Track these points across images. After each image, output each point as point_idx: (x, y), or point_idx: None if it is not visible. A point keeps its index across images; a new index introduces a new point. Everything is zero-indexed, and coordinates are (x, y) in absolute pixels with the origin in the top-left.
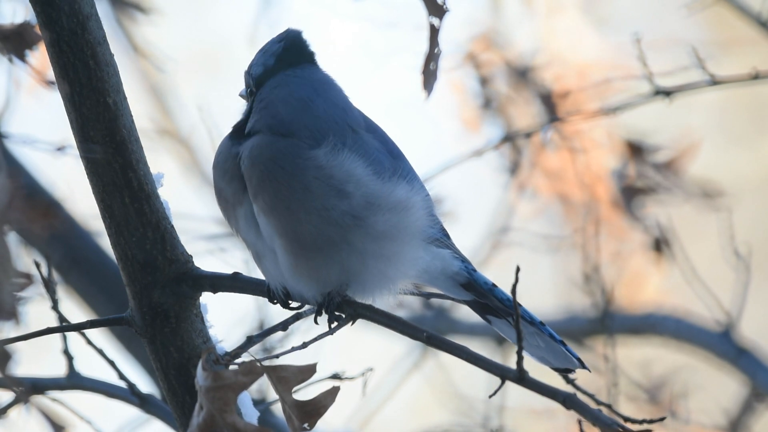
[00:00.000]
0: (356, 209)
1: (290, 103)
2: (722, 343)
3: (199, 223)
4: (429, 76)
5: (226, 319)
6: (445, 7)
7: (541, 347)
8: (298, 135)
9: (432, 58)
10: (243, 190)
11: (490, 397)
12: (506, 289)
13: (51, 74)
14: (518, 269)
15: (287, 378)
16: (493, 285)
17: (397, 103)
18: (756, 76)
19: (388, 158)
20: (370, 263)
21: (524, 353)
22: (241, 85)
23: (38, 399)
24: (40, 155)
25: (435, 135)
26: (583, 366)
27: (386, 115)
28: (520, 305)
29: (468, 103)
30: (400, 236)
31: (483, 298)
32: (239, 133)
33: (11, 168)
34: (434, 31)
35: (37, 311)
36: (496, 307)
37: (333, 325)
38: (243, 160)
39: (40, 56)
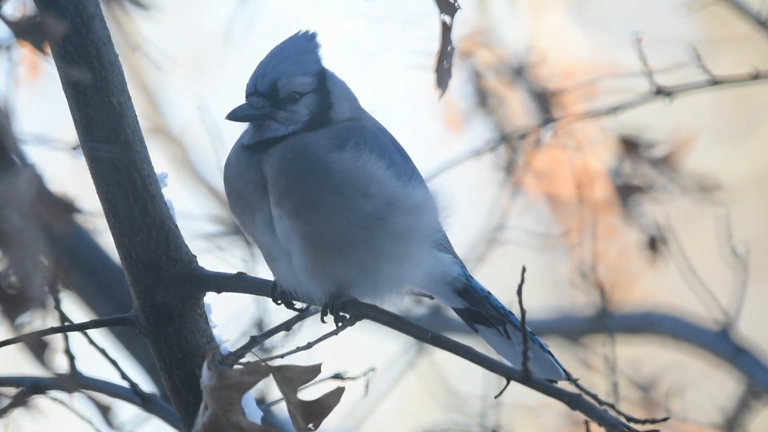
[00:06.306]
0: (379, 210)
1: (350, 103)
2: (720, 342)
3: (194, 222)
4: (442, 74)
5: (226, 318)
6: (456, 4)
7: (529, 356)
8: (349, 139)
9: (445, 55)
10: (264, 195)
11: (496, 397)
12: (504, 293)
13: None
14: (524, 269)
15: (292, 378)
16: (489, 293)
17: (387, 100)
18: (756, 76)
19: (401, 159)
20: (384, 264)
21: (507, 363)
22: (238, 84)
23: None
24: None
25: (426, 132)
26: (569, 378)
27: (378, 113)
28: (511, 313)
29: (459, 102)
30: (414, 237)
31: (476, 306)
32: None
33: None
34: (446, 29)
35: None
36: (489, 315)
37: (338, 325)
38: (270, 165)
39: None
